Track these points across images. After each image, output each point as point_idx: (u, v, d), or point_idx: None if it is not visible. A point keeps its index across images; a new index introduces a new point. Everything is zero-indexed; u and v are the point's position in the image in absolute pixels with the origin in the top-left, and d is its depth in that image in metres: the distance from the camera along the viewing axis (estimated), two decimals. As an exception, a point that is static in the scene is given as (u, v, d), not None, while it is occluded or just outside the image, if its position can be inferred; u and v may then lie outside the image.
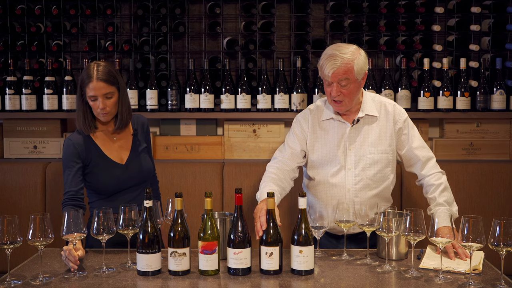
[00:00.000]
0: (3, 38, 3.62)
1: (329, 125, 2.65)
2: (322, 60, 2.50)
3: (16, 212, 3.07)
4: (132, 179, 2.64)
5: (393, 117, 2.63)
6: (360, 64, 2.48)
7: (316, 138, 2.66)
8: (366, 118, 2.61)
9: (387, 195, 2.70)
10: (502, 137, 3.58)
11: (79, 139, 2.60)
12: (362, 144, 2.60)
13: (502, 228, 1.96)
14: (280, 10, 3.67)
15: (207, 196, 2.15)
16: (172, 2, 3.61)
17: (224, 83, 3.54)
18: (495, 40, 3.54)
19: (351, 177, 2.60)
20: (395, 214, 2.25)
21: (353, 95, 2.52)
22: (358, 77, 2.48)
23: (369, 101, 2.63)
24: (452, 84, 3.53)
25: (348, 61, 2.45)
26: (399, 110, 2.66)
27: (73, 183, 2.54)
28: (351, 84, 2.48)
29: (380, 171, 2.61)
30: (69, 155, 2.57)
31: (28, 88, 3.55)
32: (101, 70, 2.51)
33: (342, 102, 2.52)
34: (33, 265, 2.29)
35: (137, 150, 2.69)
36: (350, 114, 2.62)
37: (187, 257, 2.15)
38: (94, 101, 2.52)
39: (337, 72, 2.45)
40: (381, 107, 2.64)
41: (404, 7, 3.48)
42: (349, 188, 2.60)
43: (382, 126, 2.62)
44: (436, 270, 2.16)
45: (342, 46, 2.51)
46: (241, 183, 3.39)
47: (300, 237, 2.14)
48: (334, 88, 2.48)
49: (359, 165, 2.59)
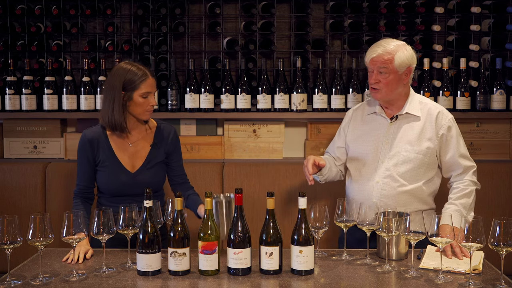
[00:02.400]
0: (3, 38, 3.62)
1: (371, 119, 2.75)
2: (370, 47, 2.64)
3: (16, 212, 3.07)
4: (138, 188, 2.57)
5: (436, 122, 2.63)
6: (403, 57, 2.57)
7: (355, 131, 2.78)
8: (406, 117, 2.66)
9: (422, 196, 2.65)
10: (502, 137, 3.58)
11: (94, 135, 2.62)
12: (399, 141, 2.64)
13: (502, 228, 1.96)
14: (280, 10, 3.67)
15: (207, 196, 2.15)
16: (172, 2, 3.61)
17: (224, 83, 3.54)
18: (495, 40, 3.54)
19: (382, 170, 2.64)
20: (395, 214, 2.25)
21: (391, 86, 2.59)
22: (399, 69, 2.57)
23: (415, 102, 2.68)
24: (452, 84, 3.53)
25: (390, 51, 2.56)
26: (445, 116, 2.65)
27: (84, 177, 2.64)
28: (390, 74, 2.57)
29: (411, 170, 2.62)
30: (81, 150, 2.63)
31: (28, 88, 3.55)
32: (148, 68, 2.62)
33: (378, 90, 2.60)
34: (33, 265, 2.29)
35: (151, 161, 2.66)
36: (393, 111, 2.69)
37: (187, 257, 2.15)
38: (145, 98, 2.56)
39: (376, 60, 2.57)
40: (426, 109, 2.66)
41: (404, 7, 3.48)
42: (377, 181, 2.64)
43: (424, 128, 2.63)
44: (436, 270, 2.16)
45: (389, 39, 2.66)
46: (241, 183, 3.39)
47: (300, 237, 2.14)
48: (373, 75, 2.59)
49: (392, 160, 2.63)
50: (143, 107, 2.56)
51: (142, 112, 2.58)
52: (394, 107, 2.68)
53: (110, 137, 2.62)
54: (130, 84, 2.53)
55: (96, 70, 3.59)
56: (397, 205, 2.52)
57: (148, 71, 2.58)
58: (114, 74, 2.57)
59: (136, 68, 2.56)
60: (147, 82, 2.55)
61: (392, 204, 2.56)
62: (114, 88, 2.53)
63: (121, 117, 2.55)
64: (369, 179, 2.66)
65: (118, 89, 2.53)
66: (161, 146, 2.69)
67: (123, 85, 2.53)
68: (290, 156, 3.74)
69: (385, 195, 2.61)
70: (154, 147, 2.67)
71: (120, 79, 2.53)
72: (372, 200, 2.56)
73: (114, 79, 2.55)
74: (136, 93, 2.54)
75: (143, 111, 2.57)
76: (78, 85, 3.59)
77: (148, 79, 2.56)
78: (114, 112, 2.54)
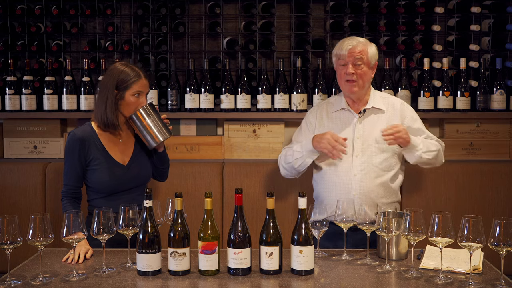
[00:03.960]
0: (3, 38, 3.62)
1: (338, 116, 2.81)
2: (338, 43, 2.73)
3: (16, 212, 3.07)
4: (133, 180, 2.67)
5: (400, 114, 2.76)
6: (373, 50, 2.72)
7: (323, 128, 2.78)
8: (373, 111, 2.76)
9: (394, 186, 2.76)
10: (502, 137, 3.58)
11: (84, 134, 2.62)
12: (369, 134, 2.72)
13: (502, 228, 1.96)
14: (280, 10, 3.67)
15: (207, 196, 2.15)
16: (172, 2, 3.61)
17: (224, 83, 3.54)
18: (495, 40, 3.54)
19: (358, 163, 2.70)
20: (395, 214, 2.25)
21: (365, 78, 2.69)
22: (371, 61, 2.69)
23: (377, 97, 2.81)
24: (452, 84, 3.53)
25: (363, 43, 2.69)
26: (407, 107, 2.82)
27: (73, 177, 2.62)
28: (364, 66, 2.67)
29: (386, 159, 2.72)
30: (70, 149, 2.61)
31: (28, 88, 3.55)
32: (142, 70, 2.66)
33: (355, 82, 2.66)
34: (33, 265, 2.29)
35: (138, 152, 2.73)
36: (359, 106, 2.78)
37: (187, 257, 2.15)
38: (138, 96, 2.60)
39: (353, 50, 2.65)
40: (388, 103, 2.79)
41: (404, 7, 3.48)
42: (355, 174, 2.69)
43: (389, 119, 2.74)
44: (436, 270, 2.16)
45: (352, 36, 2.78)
46: (241, 183, 3.39)
47: (300, 237, 2.14)
48: (350, 67, 2.66)
49: (366, 153, 2.70)
50: (133, 107, 2.61)
51: (132, 111, 2.62)
52: (361, 102, 2.78)
53: (100, 135, 2.65)
54: (123, 84, 2.59)
55: (96, 70, 3.59)
56: (375, 197, 2.63)
57: (141, 72, 2.63)
58: (108, 74, 2.63)
59: (130, 69, 2.61)
60: (139, 83, 2.61)
61: (371, 195, 2.65)
62: (108, 87, 2.59)
63: (113, 115, 2.59)
64: (346, 173, 2.70)
65: (111, 88, 2.58)
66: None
67: (116, 84, 2.58)
68: (290, 156, 3.74)
69: (364, 187, 2.67)
70: (138, 138, 2.72)
71: (114, 78, 2.59)
72: (352, 193, 2.65)
73: (108, 79, 2.61)
74: (128, 92, 2.59)
75: (133, 110, 2.62)
76: (78, 85, 3.59)
77: (141, 79, 2.61)
78: (106, 110, 2.58)
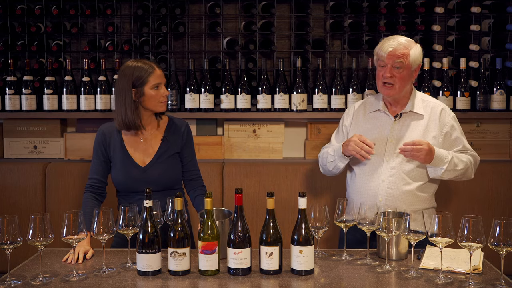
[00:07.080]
0: (3, 38, 3.62)
1: (374, 117, 2.72)
2: (379, 43, 2.61)
3: (16, 212, 3.08)
4: (150, 183, 2.57)
5: (439, 120, 2.64)
6: (416, 53, 2.58)
7: (358, 128, 2.72)
8: (410, 115, 2.65)
9: (426, 195, 2.65)
10: (502, 137, 3.58)
11: (108, 129, 2.67)
12: (404, 138, 2.61)
13: (502, 228, 1.96)
14: (280, 10, 3.67)
15: (207, 196, 2.15)
16: (172, 2, 3.61)
17: (224, 83, 3.54)
18: (495, 40, 3.54)
19: (387, 168, 2.61)
20: (395, 214, 2.25)
21: (404, 82, 2.57)
22: (412, 65, 2.57)
23: (418, 100, 2.68)
24: (452, 84, 3.53)
25: (405, 45, 2.56)
26: (448, 114, 2.67)
27: (96, 170, 2.65)
28: (404, 69, 2.56)
29: (417, 168, 2.61)
30: (97, 143, 2.66)
31: (28, 88, 3.55)
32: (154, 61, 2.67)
33: (392, 86, 2.57)
34: (33, 265, 2.29)
35: (162, 155, 2.66)
36: (397, 108, 2.67)
37: (187, 257, 2.15)
38: (157, 89, 2.59)
39: (393, 53, 2.54)
40: (429, 108, 2.66)
41: (404, 7, 3.48)
42: (383, 179, 2.61)
43: (428, 126, 2.63)
44: (436, 270, 2.16)
45: (399, 35, 2.63)
46: (241, 183, 3.39)
47: (300, 237, 2.13)
48: (388, 69, 2.55)
49: (397, 158, 2.61)
50: (156, 99, 2.59)
51: (157, 104, 2.60)
52: (399, 105, 2.67)
53: (123, 133, 2.65)
54: (139, 80, 2.56)
55: (96, 70, 3.59)
56: (402, 204, 2.52)
57: (154, 64, 2.62)
58: (121, 75, 2.59)
59: (142, 63, 2.60)
60: (155, 74, 2.58)
61: (398, 203, 2.56)
62: (124, 88, 2.56)
63: (134, 115, 2.57)
64: (374, 178, 2.63)
65: (128, 88, 2.56)
66: (173, 140, 2.70)
67: (132, 83, 2.56)
68: (290, 156, 3.75)
69: (391, 194, 2.59)
70: (165, 140, 2.68)
71: (129, 78, 2.56)
72: (378, 199, 2.58)
73: (122, 81, 2.58)
74: (147, 86, 2.57)
75: (157, 103, 2.60)
76: (78, 85, 3.59)
77: (155, 71, 2.59)
78: (126, 111, 2.56)
